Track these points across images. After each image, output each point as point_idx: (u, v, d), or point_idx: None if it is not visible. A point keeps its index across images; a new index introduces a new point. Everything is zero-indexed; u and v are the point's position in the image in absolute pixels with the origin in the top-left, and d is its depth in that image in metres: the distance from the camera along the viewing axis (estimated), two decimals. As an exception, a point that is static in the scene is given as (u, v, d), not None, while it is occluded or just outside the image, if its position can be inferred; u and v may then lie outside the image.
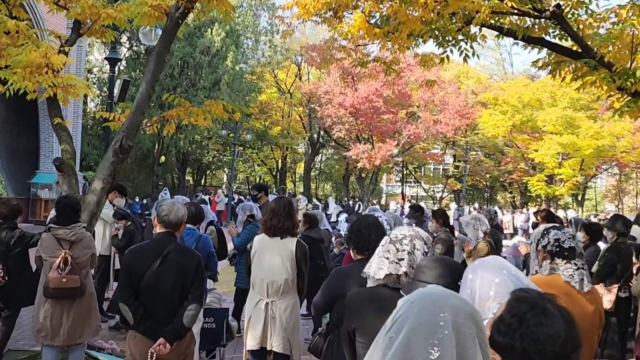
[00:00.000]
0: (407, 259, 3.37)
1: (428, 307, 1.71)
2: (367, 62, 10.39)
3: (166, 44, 7.46)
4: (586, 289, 3.55)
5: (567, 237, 3.65)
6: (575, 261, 3.59)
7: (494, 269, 2.77)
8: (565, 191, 38.57)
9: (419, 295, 1.78)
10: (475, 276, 2.77)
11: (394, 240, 3.45)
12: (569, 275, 3.56)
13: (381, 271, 3.38)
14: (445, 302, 1.72)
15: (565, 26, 7.51)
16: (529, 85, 41.54)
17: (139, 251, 4.73)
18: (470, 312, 1.74)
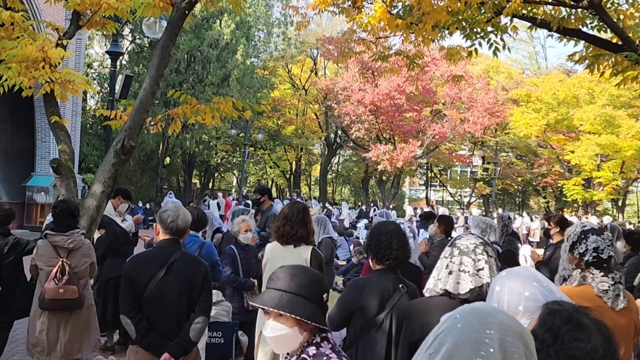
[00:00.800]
0: (486, 269, 3.37)
1: (473, 323, 1.69)
2: (389, 55, 10.39)
3: (172, 37, 7.49)
4: (621, 305, 3.50)
5: (606, 244, 3.59)
6: (612, 274, 3.54)
7: (523, 280, 2.72)
8: (604, 196, 38.30)
9: (463, 310, 1.76)
10: (502, 288, 2.74)
11: (466, 251, 3.41)
12: (603, 290, 3.51)
13: (461, 286, 3.36)
14: (492, 319, 1.70)
15: (604, 16, 7.46)
16: (564, 80, 41.28)
17: (142, 260, 4.73)
18: (520, 331, 1.71)
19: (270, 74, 46.40)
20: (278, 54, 47.76)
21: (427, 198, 58.19)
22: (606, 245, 3.58)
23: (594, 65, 8.34)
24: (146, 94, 7.22)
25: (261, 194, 10.21)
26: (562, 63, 50.23)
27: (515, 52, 58.46)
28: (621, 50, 7.46)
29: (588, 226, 3.76)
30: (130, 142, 7.04)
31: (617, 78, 8.08)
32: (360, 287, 4.33)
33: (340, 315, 4.37)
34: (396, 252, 4.30)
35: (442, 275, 3.43)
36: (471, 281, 3.34)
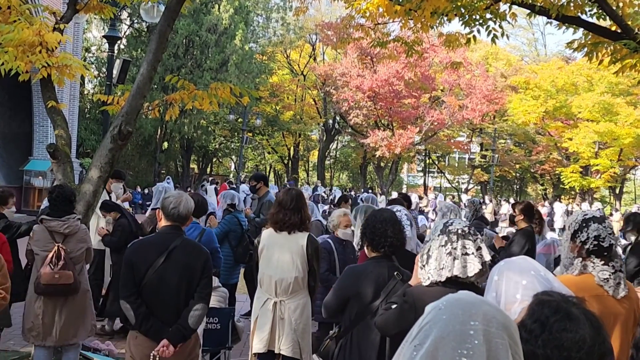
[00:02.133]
0: (483, 247, 3.46)
1: (458, 315, 1.68)
2: (387, 42, 10.36)
3: (169, 22, 7.45)
4: (622, 294, 3.51)
5: (607, 233, 3.59)
6: (613, 263, 3.54)
7: (521, 269, 2.75)
8: (601, 183, 38.37)
9: (448, 301, 1.75)
10: (501, 278, 2.76)
11: (462, 234, 3.45)
12: (604, 279, 3.51)
13: (469, 268, 3.39)
14: (476, 310, 1.69)
15: (603, 4, 7.45)
16: (563, 68, 41.27)
17: (142, 245, 4.73)
18: (504, 321, 1.71)
19: (268, 59, 46.31)
20: (277, 39, 47.62)
21: (425, 185, 58.25)
22: (607, 234, 3.58)
23: (593, 53, 8.33)
24: (144, 79, 7.19)
25: (256, 180, 10.23)
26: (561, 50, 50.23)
27: (515, 38, 58.44)
28: (620, 38, 7.44)
29: (589, 214, 3.75)
30: (128, 127, 7.02)
31: (615, 66, 8.07)
32: (356, 274, 4.34)
33: (336, 302, 4.39)
34: (391, 240, 4.31)
35: (445, 264, 3.43)
36: (478, 261, 3.39)
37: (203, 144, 42.22)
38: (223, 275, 7.90)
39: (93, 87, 39.31)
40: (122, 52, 34.09)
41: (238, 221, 8.76)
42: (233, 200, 8.85)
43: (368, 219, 4.54)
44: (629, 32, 7.23)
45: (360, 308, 4.21)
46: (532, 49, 61.01)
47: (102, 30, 35.81)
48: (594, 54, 8.32)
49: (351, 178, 64.02)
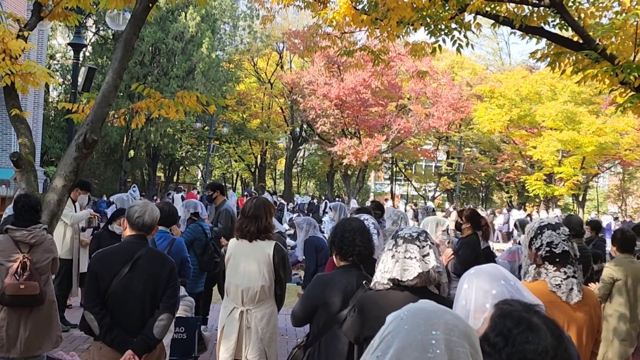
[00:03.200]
0: (431, 254, 3.48)
1: (419, 324, 1.69)
2: (354, 50, 10.41)
3: (135, 30, 7.40)
4: (575, 299, 3.55)
5: (561, 239, 3.64)
6: (565, 269, 3.59)
7: (490, 278, 2.76)
8: (565, 191, 38.83)
9: (409, 311, 1.76)
10: (470, 286, 2.77)
11: (410, 239, 3.51)
12: (556, 284, 3.57)
13: (408, 272, 3.44)
14: (438, 319, 1.70)
15: (565, 15, 7.56)
16: (527, 77, 41.74)
17: (106, 255, 4.69)
18: (465, 330, 1.72)
19: (235, 67, 46.21)
20: (244, 47, 47.49)
21: (392, 192, 58.44)
22: (561, 240, 3.63)
23: (556, 62, 8.44)
24: (109, 87, 7.13)
25: (213, 190, 10.27)
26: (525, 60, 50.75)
27: (480, 48, 59.02)
28: (582, 48, 7.55)
29: (545, 221, 3.81)
30: (93, 135, 6.95)
31: (578, 75, 8.17)
32: (324, 283, 4.34)
33: (304, 311, 4.39)
34: (359, 249, 4.33)
35: (388, 267, 3.49)
36: (419, 266, 3.42)
37: (170, 152, 41.95)
38: (189, 284, 7.85)
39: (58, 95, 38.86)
40: (87, 59, 33.78)
41: (202, 229, 8.71)
42: (196, 209, 8.80)
43: (336, 228, 4.55)
44: (590, 43, 7.35)
45: (327, 317, 4.21)
46: (496, 58, 61.70)
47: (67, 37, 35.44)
48: (557, 64, 8.43)
49: (318, 186, 64.06)
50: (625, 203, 63.03)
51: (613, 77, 7.11)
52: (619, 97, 7.74)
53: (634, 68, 6.61)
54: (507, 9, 8.32)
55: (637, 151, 38.10)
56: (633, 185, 61.85)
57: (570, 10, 7.81)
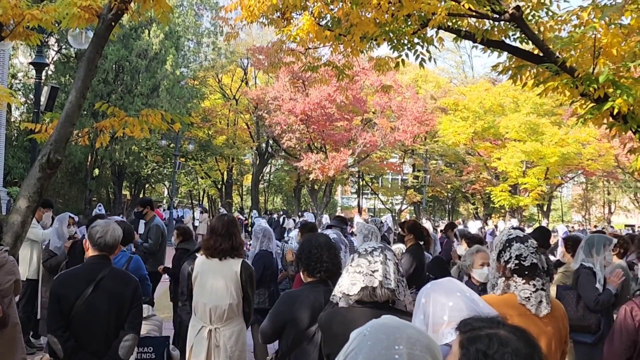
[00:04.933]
0: (381, 270, 3.44)
1: (382, 340, 1.70)
2: (318, 66, 10.44)
3: (98, 48, 7.36)
4: (544, 312, 3.58)
5: (529, 252, 3.67)
6: (534, 281, 3.62)
7: (447, 291, 2.80)
8: (529, 201, 39.24)
9: (372, 327, 1.77)
10: (428, 300, 2.81)
11: (364, 254, 3.51)
12: (525, 297, 3.60)
13: (355, 286, 3.43)
14: (400, 334, 1.72)
15: (525, 29, 7.66)
16: (490, 89, 42.21)
17: (69, 277, 4.64)
18: (427, 343, 1.74)
19: (200, 84, 46.03)
20: (208, 63, 47.37)
21: (359, 206, 58.58)
22: (529, 253, 3.65)
23: (517, 75, 8.53)
24: (72, 106, 7.07)
25: (143, 206, 10.28)
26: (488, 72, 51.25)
27: (443, 61, 59.54)
28: (542, 61, 7.66)
29: (514, 234, 3.85)
30: (57, 155, 6.88)
31: (539, 88, 8.27)
32: (292, 299, 4.34)
33: (272, 327, 4.37)
34: (327, 265, 4.33)
35: (343, 281, 3.51)
36: (363, 280, 3.42)
37: (135, 170, 41.58)
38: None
39: (20, 115, 38.35)
40: (49, 78, 33.42)
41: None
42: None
43: (303, 244, 4.55)
44: (550, 56, 7.45)
45: (296, 334, 4.20)
46: (460, 71, 62.32)
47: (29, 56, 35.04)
48: (518, 77, 8.53)
49: (285, 201, 63.99)
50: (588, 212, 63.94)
51: (573, 89, 7.23)
52: (579, 108, 7.86)
53: (593, 80, 6.72)
54: (468, 23, 8.41)
55: (599, 161, 38.68)
56: (596, 195, 62.78)
57: (530, 24, 7.92)
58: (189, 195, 62.67)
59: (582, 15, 6.98)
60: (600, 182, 55.86)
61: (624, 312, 3.68)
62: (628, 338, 3.60)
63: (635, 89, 6.55)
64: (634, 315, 3.61)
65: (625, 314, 3.66)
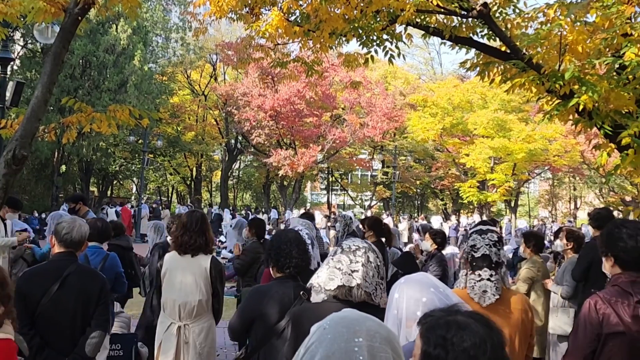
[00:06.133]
0: (361, 271, 3.42)
1: (342, 333, 1.72)
2: (287, 62, 10.41)
3: (64, 43, 7.27)
4: (487, 302, 3.65)
5: (484, 243, 3.73)
6: (481, 272, 3.68)
7: (420, 286, 2.81)
8: (497, 197, 39.52)
9: (332, 320, 1.78)
10: (401, 295, 2.81)
11: (347, 251, 3.48)
12: (470, 287, 3.66)
13: (332, 282, 3.41)
14: (360, 327, 1.74)
15: (492, 26, 7.72)
16: (458, 86, 42.41)
17: (35, 274, 4.60)
18: (386, 335, 1.75)
19: (169, 79, 45.75)
20: (177, 59, 47.01)
21: (329, 202, 58.64)
22: (484, 244, 3.72)
23: (485, 72, 8.60)
24: (38, 101, 6.98)
25: (75, 202, 10.14)
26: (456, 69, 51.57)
27: (412, 58, 59.76)
28: (509, 58, 7.72)
29: (477, 228, 3.92)
30: (22, 151, 6.79)
31: (506, 84, 8.33)
32: (261, 294, 4.33)
33: (241, 323, 4.37)
34: (296, 260, 4.33)
35: (321, 272, 3.50)
36: (341, 279, 3.40)
37: (103, 167, 41.26)
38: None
39: (-15, 110, 37.82)
40: (15, 73, 32.95)
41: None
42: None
43: (272, 240, 4.55)
44: (517, 53, 7.52)
45: (265, 329, 4.20)
46: (428, 67, 62.52)
47: (-6, 51, 34.53)
48: (486, 73, 8.59)
49: (254, 198, 63.84)
50: (555, 208, 64.65)
51: (540, 85, 7.29)
52: (546, 105, 7.94)
53: (559, 77, 6.79)
54: (437, 20, 8.45)
55: (565, 157, 39.06)
56: (562, 191, 63.46)
57: (497, 21, 7.98)
58: (158, 192, 62.25)
59: (549, 12, 7.05)
60: (567, 178, 56.48)
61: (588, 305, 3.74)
62: (592, 332, 3.65)
63: (601, 85, 6.62)
64: (597, 309, 3.67)
65: (589, 308, 3.71)
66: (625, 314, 3.59)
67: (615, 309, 3.62)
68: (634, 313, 3.57)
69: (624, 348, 3.60)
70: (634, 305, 3.59)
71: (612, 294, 3.69)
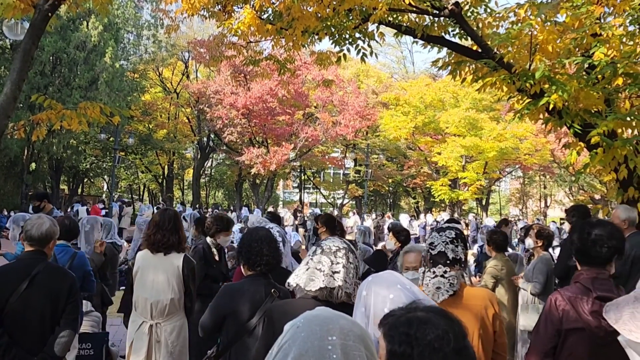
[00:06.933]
0: (342, 273, 3.43)
1: (315, 331, 1.73)
2: (260, 60, 10.40)
3: (34, 40, 7.20)
4: (441, 298, 3.69)
5: (441, 240, 3.78)
6: (436, 269, 3.72)
7: (388, 284, 2.83)
8: (469, 195, 39.81)
9: (305, 318, 1.79)
10: (369, 292, 2.83)
11: (328, 251, 3.48)
12: (425, 283, 3.70)
13: (313, 283, 3.41)
14: (333, 325, 1.75)
15: (464, 25, 7.79)
16: (430, 84, 42.64)
17: (3, 273, 4.55)
18: (360, 333, 1.76)
19: (140, 77, 45.43)
20: (148, 56, 46.67)
21: (301, 200, 58.64)
22: (441, 242, 3.77)
23: (457, 71, 8.67)
24: (7, 99, 6.91)
25: (39, 200, 10.12)
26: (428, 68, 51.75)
27: (384, 56, 60.00)
28: (481, 57, 7.79)
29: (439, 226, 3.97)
30: (-9, 149, 6.73)
31: (478, 83, 8.40)
32: (232, 292, 4.33)
33: (212, 320, 4.35)
34: (267, 258, 4.33)
35: (299, 272, 3.50)
36: (323, 280, 3.42)
37: (73, 164, 40.87)
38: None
39: (-47, 107, 37.27)
40: (-16, 70, 32.58)
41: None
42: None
43: (243, 238, 4.55)
44: (489, 52, 7.59)
45: (237, 327, 4.19)
46: (401, 66, 62.75)
47: (-38, 47, 34.10)
48: (458, 72, 8.66)
49: (227, 196, 63.66)
50: (525, 206, 65.24)
51: (510, 84, 7.37)
52: (516, 104, 8.03)
53: (530, 76, 6.86)
54: (409, 19, 8.51)
55: (535, 156, 39.46)
56: (533, 189, 64.08)
57: (468, 21, 8.05)
58: (129, 190, 61.81)
59: (519, 12, 7.13)
60: (537, 176, 57.02)
61: (549, 302, 3.80)
62: (552, 328, 3.72)
63: (570, 85, 6.71)
64: (557, 306, 3.73)
65: (550, 304, 3.78)
66: (585, 310, 3.65)
67: (575, 305, 3.68)
68: (593, 309, 3.63)
69: (584, 344, 3.66)
70: (593, 301, 3.65)
71: (572, 291, 3.76)
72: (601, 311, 3.52)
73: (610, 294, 3.62)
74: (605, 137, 6.46)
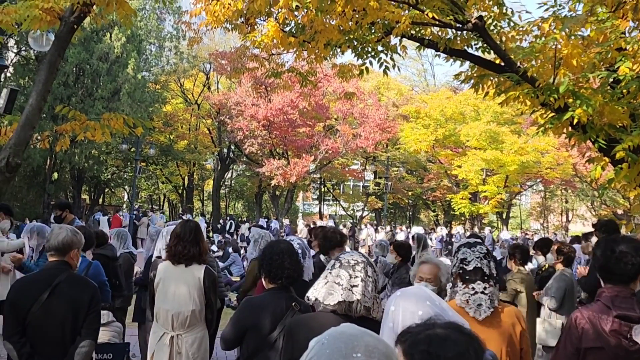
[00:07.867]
0: (361, 286, 3.42)
1: (340, 348, 1.71)
2: (282, 72, 10.42)
3: (59, 51, 7.27)
4: (483, 315, 3.64)
5: (475, 256, 3.73)
6: (474, 285, 3.67)
7: (417, 299, 2.80)
8: (489, 209, 39.61)
9: (330, 335, 1.78)
10: (397, 308, 2.80)
11: (346, 265, 3.47)
12: (464, 301, 3.65)
13: (332, 297, 3.40)
14: (358, 342, 1.73)
15: (487, 39, 7.74)
16: (451, 97, 42.57)
17: (26, 283, 4.59)
18: (385, 351, 1.75)
19: (162, 88, 45.66)
20: (170, 68, 46.95)
21: (321, 212, 58.60)
22: (474, 257, 3.72)
23: (479, 84, 8.62)
24: (32, 109, 6.98)
25: (61, 209, 10.15)
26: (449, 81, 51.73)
27: (405, 69, 59.88)
28: (503, 71, 7.74)
29: (464, 241, 3.93)
30: (16, 159, 6.78)
31: (500, 97, 8.35)
32: (254, 306, 4.33)
33: (234, 333, 4.35)
34: (288, 271, 4.33)
35: (318, 285, 3.48)
36: (341, 294, 3.40)
37: (95, 174, 41.09)
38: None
39: (-22, 117, 37.67)
40: (9, 80, 32.85)
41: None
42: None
43: (265, 251, 4.54)
44: (512, 66, 7.54)
45: (257, 340, 4.19)
46: (421, 79, 62.68)
47: (-13, 57, 34.42)
48: (480, 86, 8.61)
49: (246, 207, 63.74)
50: (547, 220, 64.81)
51: (534, 99, 7.31)
52: (540, 118, 7.95)
53: (554, 90, 6.81)
54: (431, 32, 8.48)
55: (557, 169, 39.21)
56: (554, 203, 63.65)
57: (492, 34, 8.01)
58: (149, 200, 62.08)
59: (543, 26, 7.07)
60: (559, 190, 56.65)
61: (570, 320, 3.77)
62: (572, 346, 3.68)
63: (595, 99, 6.65)
64: (577, 324, 3.69)
65: (571, 323, 3.75)
66: (605, 329, 3.60)
67: (594, 324, 3.64)
68: (612, 328, 3.58)
69: None
70: (613, 320, 3.60)
71: (593, 309, 3.72)
72: (621, 330, 3.48)
73: (631, 313, 3.58)
74: (630, 152, 6.40)
